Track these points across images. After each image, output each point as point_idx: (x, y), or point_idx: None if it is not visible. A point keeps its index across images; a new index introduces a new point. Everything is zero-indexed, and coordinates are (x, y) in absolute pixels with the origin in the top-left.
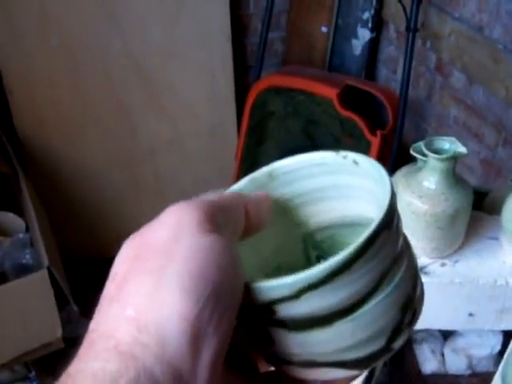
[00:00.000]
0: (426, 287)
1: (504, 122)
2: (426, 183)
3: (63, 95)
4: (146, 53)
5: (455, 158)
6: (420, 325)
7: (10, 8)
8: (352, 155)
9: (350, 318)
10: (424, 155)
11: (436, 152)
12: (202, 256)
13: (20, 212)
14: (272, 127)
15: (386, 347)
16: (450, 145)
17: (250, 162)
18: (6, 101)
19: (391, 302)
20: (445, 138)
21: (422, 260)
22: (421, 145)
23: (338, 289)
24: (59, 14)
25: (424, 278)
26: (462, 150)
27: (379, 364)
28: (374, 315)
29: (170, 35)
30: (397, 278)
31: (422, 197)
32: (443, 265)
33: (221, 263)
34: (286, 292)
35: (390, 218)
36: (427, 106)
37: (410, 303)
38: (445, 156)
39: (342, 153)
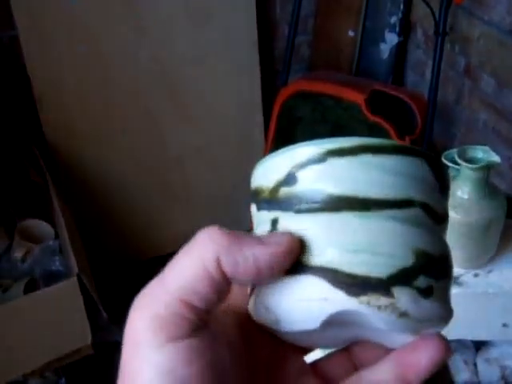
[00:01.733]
0: (459, 298)
1: None
2: (458, 193)
3: (92, 103)
4: (173, 60)
5: (489, 168)
6: (453, 335)
7: (39, 17)
8: None
9: (362, 213)
10: (456, 163)
11: (469, 161)
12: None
13: (49, 219)
14: (300, 133)
15: (384, 283)
16: (484, 154)
17: None
18: (35, 109)
19: (406, 231)
20: (478, 146)
21: (454, 270)
22: (453, 153)
23: (365, 167)
24: (87, 23)
25: (457, 289)
26: (496, 158)
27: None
28: (383, 228)
29: (197, 42)
30: (424, 222)
31: (455, 207)
32: (476, 275)
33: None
34: (310, 154)
35: (426, 155)
36: (456, 111)
37: (428, 265)
38: (478, 165)
39: None
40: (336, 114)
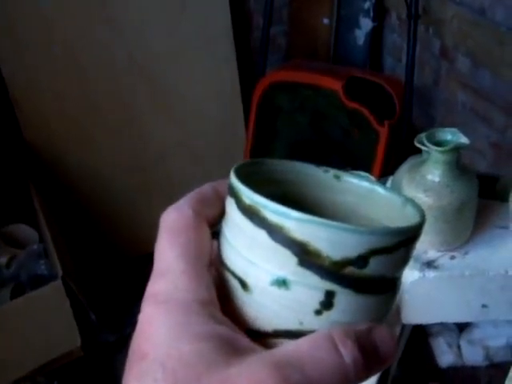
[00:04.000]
0: (436, 281)
1: None
2: (429, 176)
3: (70, 103)
4: (149, 56)
5: (458, 150)
6: (434, 318)
7: (12, 20)
8: (334, 171)
9: (390, 293)
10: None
11: (438, 144)
12: None
13: (33, 223)
14: (280, 123)
15: None
16: (452, 136)
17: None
18: (13, 112)
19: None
20: (446, 129)
21: (430, 254)
22: (422, 137)
23: (406, 255)
24: (60, 23)
25: (434, 272)
26: (464, 140)
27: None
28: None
29: (172, 37)
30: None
31: (426, 191)
32: (453, 258)
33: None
34: (388, 242)
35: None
36: (434, 93)
37: None
38: (447, 148)
39: (324, 168)
40: (315, 102)
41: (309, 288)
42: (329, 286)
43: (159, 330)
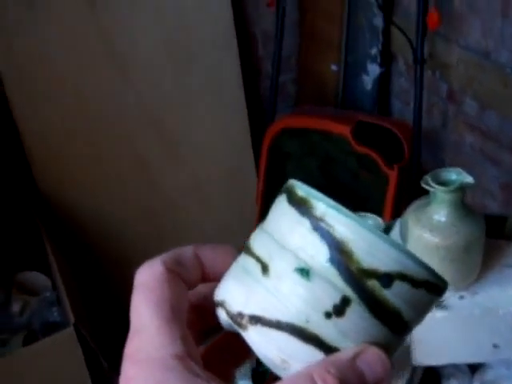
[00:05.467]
0: (445, 322)
1: None
2: (435, 216)
3: (82, 151)
4: (159, 105)
5: (463, 189)
6: (445, 360)
7: (24, 71)
8: None
9: (397, 337)
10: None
11: (443, 184)
12: None
13: (46, 270)
14: (289, 168)
15: None
16: (457, 175)
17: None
18: (26, 160)
19: None
20: (451, 168)
21: None
22: (427, 177)
23: (424, 304)
24: (72, 73)
25: (443, 313)
26: (469, 179)
27: None
28: None
29: (183, 86)
30: None
31: (432, 230)
32: (462, 297)
33: None
34: (418, 273)
35: None
36: (443, 136)
37: None
38: (451, 187)
39: None
40: (324, 147)
41: (329, 286)
42: (348, 292)
43: None
